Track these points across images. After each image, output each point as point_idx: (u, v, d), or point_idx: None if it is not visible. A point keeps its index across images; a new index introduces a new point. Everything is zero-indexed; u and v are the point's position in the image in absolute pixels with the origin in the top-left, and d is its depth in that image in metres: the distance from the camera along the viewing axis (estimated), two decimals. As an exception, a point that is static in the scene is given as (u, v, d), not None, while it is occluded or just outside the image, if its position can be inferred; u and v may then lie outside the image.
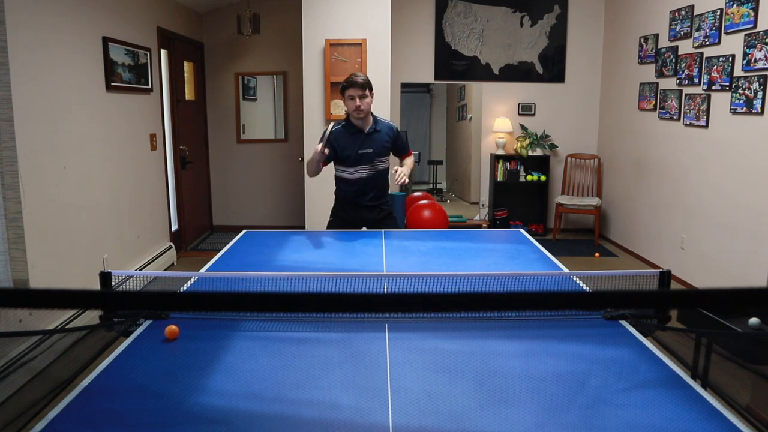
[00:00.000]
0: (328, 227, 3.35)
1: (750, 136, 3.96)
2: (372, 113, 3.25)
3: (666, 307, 1.82)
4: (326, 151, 3.05)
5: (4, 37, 3.05)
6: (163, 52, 5.38)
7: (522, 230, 3.27)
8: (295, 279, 2.11)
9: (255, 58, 6.57)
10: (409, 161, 3.35)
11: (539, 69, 6.56)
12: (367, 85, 3.11)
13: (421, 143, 9.53)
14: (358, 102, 3.08)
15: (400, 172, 3.02)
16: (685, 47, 4.77)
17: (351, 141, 3.18)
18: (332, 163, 3.25)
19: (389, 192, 3.41)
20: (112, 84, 4.23)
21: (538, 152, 6.53)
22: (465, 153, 8.35)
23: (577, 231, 6.78)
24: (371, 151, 3.19)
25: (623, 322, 1.88)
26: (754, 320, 3.14)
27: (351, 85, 3.09)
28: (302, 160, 5.63)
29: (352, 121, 3.19)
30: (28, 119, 3.26)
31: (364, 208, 3.27)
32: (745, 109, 3.99)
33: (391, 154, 3.34)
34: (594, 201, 6.20)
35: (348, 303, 0.64)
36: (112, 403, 1.41)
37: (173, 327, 1.75)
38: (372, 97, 3.16)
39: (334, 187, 3.36)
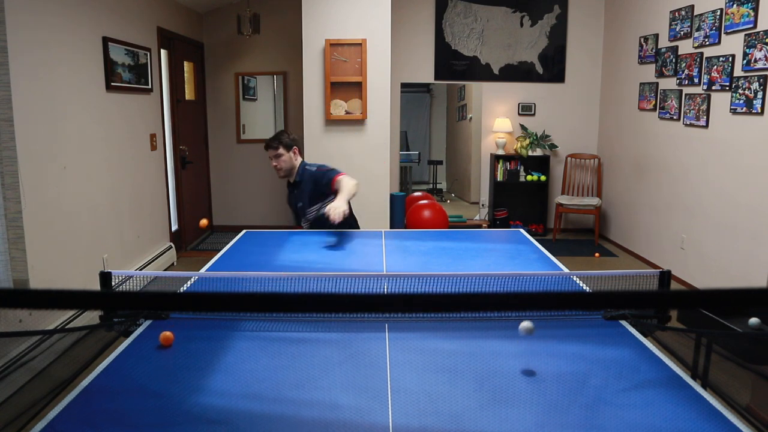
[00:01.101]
0: None
1: (750, 136, 3.96)
2: (303, 162, 3.32)
3: (666, 307, 1.82)
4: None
5: (4, 37, 3.05)
6: (163, 52, 5.38)
7: (522, 230, 3.27)
8: (295, 279, 2.11)
9: (255, 58, 6.57)
10: (343, 187, 3.05)
11: (539, 69, 6.56)
12: (280, 144, 3.19)
13: (421, 143, 9.53)
14: (274, 162, 3.23)
15: (330, 209, 2.83)
16: (685, 47, 4.77)
17: (291, 194, 3.37)
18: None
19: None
20: (112, 84, 4.23)
21: (538, 152, 6.53)
22: (465, 153, 8.35)
23: (577, 231, 6.78)
24: (302, 203, 3.29)
25: (623, 322, 1.88)
26: (754, 320, 3.14)
27: (266, 149, 3.25)
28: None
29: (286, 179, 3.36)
30: (28, 119, 3.26)
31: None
32: (745, 109, 3.99)
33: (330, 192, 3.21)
34: (594, 201, 6.20)
35: (348, 303, 0.64)
36: (112, 403, 1.41)
37: (168, 333, 1.67)
38: (289, 152, 3.23)
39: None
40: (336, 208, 2.83)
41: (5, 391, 1.52)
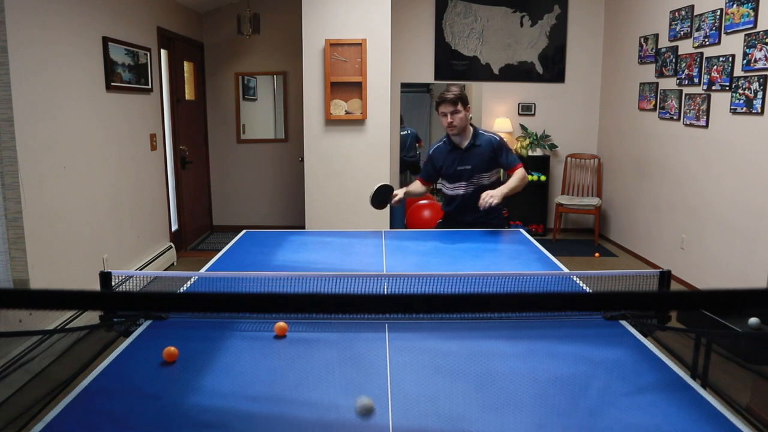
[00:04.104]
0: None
1: (750, 136, 3.96)
2: (474, 126, 3.17)
3: (666, 307, 1.82)
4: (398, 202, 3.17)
5: (4, 37, 3.05)
6: (163, 52, 5.38)
7: (522, 230, 3.27)
8: (295, 279, 2.11)
9: (255, 58, 6.57)
10: (514, 178, 3.09)
11: (539, 69, 6.56)
12: (459, 100, 3.04)
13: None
14: (449, 118, 3.05)
15: (486, 194, 2.89)
16: (685, 47, 4.77)
17: (450, 157, 3.15)
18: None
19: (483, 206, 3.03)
20: (112, 84, 4.23)
21: (538, 152, 6.53)
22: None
23: (577, 231, 6.78)
24: (470, 167, 3.12)
25: (623, 322, 1.88)
26: (753, 320, 3.14)
27: (442, 102, 3.05)
28: (302, 160, 5.63)
29: (450, 137, 3.16)
30: (28, 119, 3.25)
31: (470, 225, 3.18)
32: (745, 109, 3.98)
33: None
34: (594, 201, 6.20)
35: (348, 303, 0.64)
36: (112, 404, 1.40)
37: (172, 349, 1.60)
38: (467, 111, 3.08)
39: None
40: (491, 197, 2.89)
41: (5, 391, 1.52)
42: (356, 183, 5.35)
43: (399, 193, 3.18)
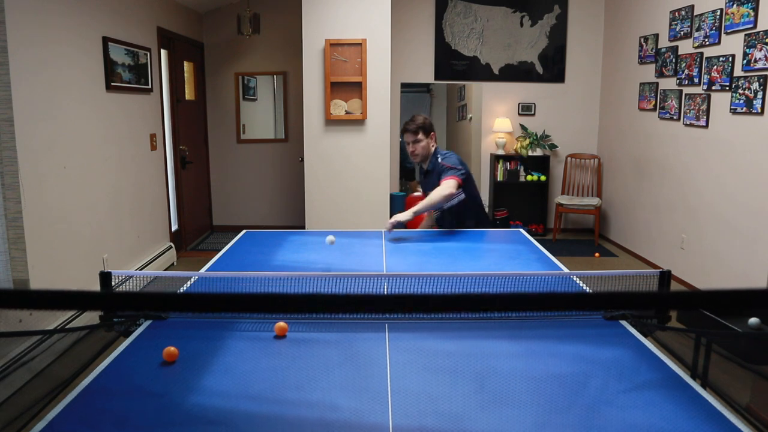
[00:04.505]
0: None
1: (750, 136, 3.96)
2: (436, 152, 3.26)
3: (666, 307, 1.82)
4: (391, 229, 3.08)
5: (4, 36, 3.05)
6: (163, 52, 5.38)
7: (522, 230, 3.27)
8: (295, 279, 2.11)
9: (255, 58, 6.57)
10: (432, 194, 3.06)
11: (539, 69, 6.56)
12: (420, 129, 3.16)
13: (421, 143, 9.52)
14: (411, 147, 3.21)
15: (395, 218, 3.01)
16: (685, 47, 4.77)
17: (422, 182, 3.38)
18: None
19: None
20: (112, 84, 4.23)
21: (538, 152, 6.53)
22: (465, 153, 8.33)
23: (577, 231, 6.78)
24: (428, 191, 3.25)
25: (623, 322, 1.88)
26: (753, 320, 3.14)
27: (404, 131, 3.21)
28: (302, 160, 5.63)
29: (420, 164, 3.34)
30: (28, 119, 3.26)
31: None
32: (745, 109, 3.98)
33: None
34: (594, 201, 6.20)
35: (348, 303, 0.64)
36: (112, 404, 1.41)
37: (172, 349, 1.61)
38: (429, 139, 3.20)
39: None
40: (394, 217, 3.02)
41: (5, 391, 1.52)
42: (356, 183, 5.35)
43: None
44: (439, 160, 3.22)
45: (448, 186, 3.03)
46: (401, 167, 6.89)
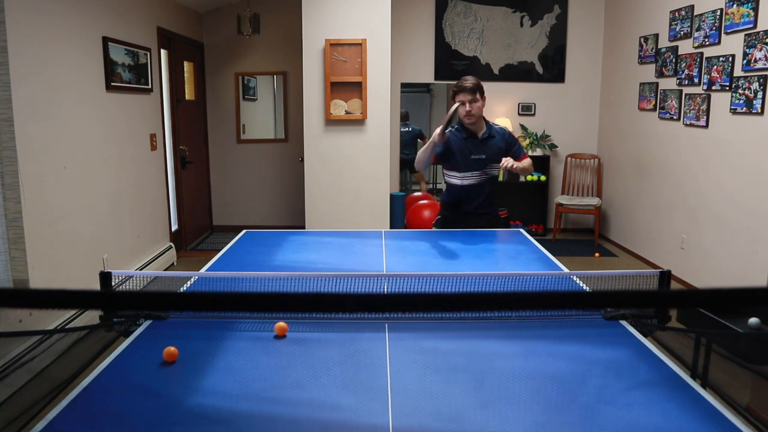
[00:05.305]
0: (434, 227, 3.34)
1: (750, 136, 3.96)
2: (485, 119, 3.18)
3: (666, 307, 1.82)
4: (445, 135, 2.97)
5: (4, 36, 3.05)
6: (163, 52, 5.38)
7: (522, 230, 3.27)
8: (295, 279, 2.11)
9: (255, 58, 6.57)
10: (526, 162, 3.16)
11: (539, 69, 6.56)
12: (477, 89, 3.04)
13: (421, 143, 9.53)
14: (468, 107, 3.03)
15: (508, 159, 2.96)
16: (685, 47, 4.77)
17: (465, 145, 3.13)
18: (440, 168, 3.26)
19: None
20: (112, 84, 4.23)
21: (538, 152, 6.53)
22: (465, 153, 8.34)
23: (577, 231, 6.78)
24: (484, 157, 3.12)
25: (623, 322, 1.88)
26: (753, 320, 3.14)
27: (461, 90, 3.04)
28: (302, 160, 5.63)
29: (466, 126, 3.14)
30: (28, 119, 3.26)
31: (472, 215, 3.21)
32: (745, 109, 3.98)
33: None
34: (594, 201, 6.20)
35: (348, 303, 0.64)
36: (112, 404, 1.41)
37: (172, 349, 1.60)
38: (484, 101, 3.09)
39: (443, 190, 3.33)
40: (513, 163, 2.96)
41: (5, 391, 1.52)
42: (356, 183, 5.35)
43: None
44: (505, 131, 3.19)
45: (531, 162, 3.17)
46: (401, 161, 6.85)
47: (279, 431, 1.31)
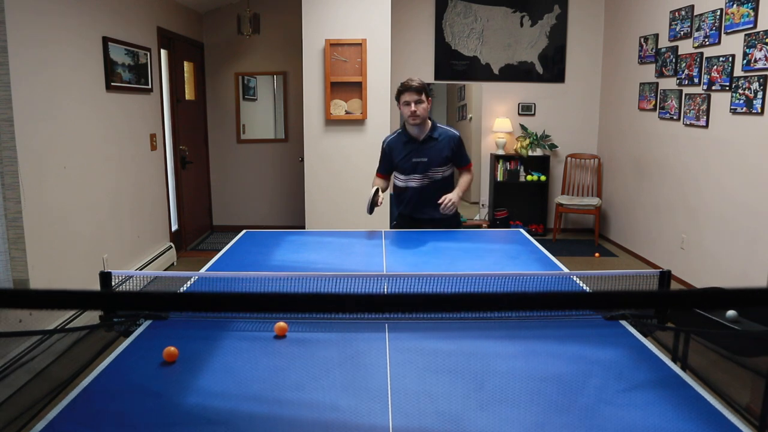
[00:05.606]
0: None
1: (750, 136, 3.96)
2: (432, 120, 3.15)
3: (666, 307, 1.82)
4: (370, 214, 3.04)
5: (4, 36, 3.05)
6: (163, 52, 5.38)
7: (522, 230, 3.27)
8: (295, 279, 2.11)
9: (255, 58, 6.57)
10: (466, 178, 3.16)
11: (539, 69, 6.56)
12: (422, 90, 3.01)
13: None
14: (413, 107, 3.00)
15: (446, 198, 2.92)
16: (685, 47, 4.77)
17: (405, 149, 3.11)
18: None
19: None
20: (112, 84, 4.23)
21: (538, 152, 6.53)
22: (465, 153, 8.35)
23: (577, 231, 6.78)
24: (425, 160, 3.09)
25: (623, 322, 1.88)
26: (731, 312, 3.13)
27: (406, 90, 3.01)
28: (302, 160, 5.63)
29: (407, 129, 3.12)
30: (28, 119, 3.26)
31: (425, 223, 3.17)
32: (745, 109, 3.98)
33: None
34: (594, 201, 6.20)
35: (348, 303, 0.64)
36: (112, 404, 1.41)
37: (172, 349, 1.60)
38: (429, 103, 3.05)
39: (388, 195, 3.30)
40: (453, 201, 2.95)
41: (5, 391, 1.52)
42: (356, 183, 5.35)
43: (380, 194, 3.11)
44: (454, 134, 3.13)
45: (473, 173, 3.23)
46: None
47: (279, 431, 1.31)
